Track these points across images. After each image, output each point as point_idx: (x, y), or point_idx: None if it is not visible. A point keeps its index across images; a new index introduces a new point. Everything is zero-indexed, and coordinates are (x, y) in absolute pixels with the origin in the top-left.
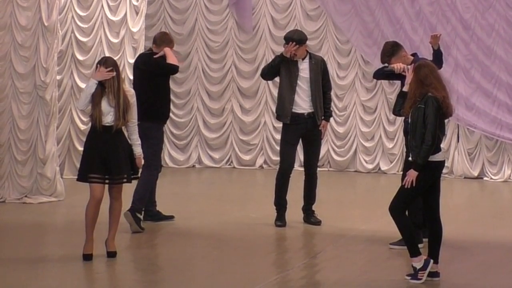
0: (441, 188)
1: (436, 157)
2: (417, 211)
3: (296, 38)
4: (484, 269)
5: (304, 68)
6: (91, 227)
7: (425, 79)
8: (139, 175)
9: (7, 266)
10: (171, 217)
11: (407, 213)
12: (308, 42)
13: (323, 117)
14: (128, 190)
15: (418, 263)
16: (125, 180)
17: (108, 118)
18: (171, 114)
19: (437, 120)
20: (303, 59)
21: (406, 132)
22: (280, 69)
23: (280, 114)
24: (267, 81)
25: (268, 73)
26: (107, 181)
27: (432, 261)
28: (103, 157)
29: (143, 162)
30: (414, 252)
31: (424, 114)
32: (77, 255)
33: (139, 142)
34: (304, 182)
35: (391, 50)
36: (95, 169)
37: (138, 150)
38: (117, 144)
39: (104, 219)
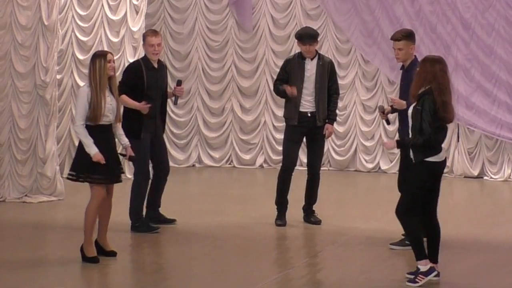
0: (440, 187)
1: (435, 158)
2: None
3: (312, 33)
4: (484, 269)
5: (311, 67)
6: (93, 229)
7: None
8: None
9: (7, 266)
10: (172, 221)
11: None
12: None
13: (327, 120)
14: (123, 194)
15: (423, 266)
16: (121, 177)
17: (110, 117)
18: (171, 114)
19: (433, 115)
20: (311, 58)
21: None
22: (289, 74)
23: (288, 118)
24: (267, 81)
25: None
26: (108, 180)
27: (436, 272)
28: (106, 157)
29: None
30: (420, 256)
31: (421, 115)
32: (77, 254)
33: (123, 132)
34: (307, 181)
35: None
36: (100, 169)
37: (124, 139)
38: (113, 142)
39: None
